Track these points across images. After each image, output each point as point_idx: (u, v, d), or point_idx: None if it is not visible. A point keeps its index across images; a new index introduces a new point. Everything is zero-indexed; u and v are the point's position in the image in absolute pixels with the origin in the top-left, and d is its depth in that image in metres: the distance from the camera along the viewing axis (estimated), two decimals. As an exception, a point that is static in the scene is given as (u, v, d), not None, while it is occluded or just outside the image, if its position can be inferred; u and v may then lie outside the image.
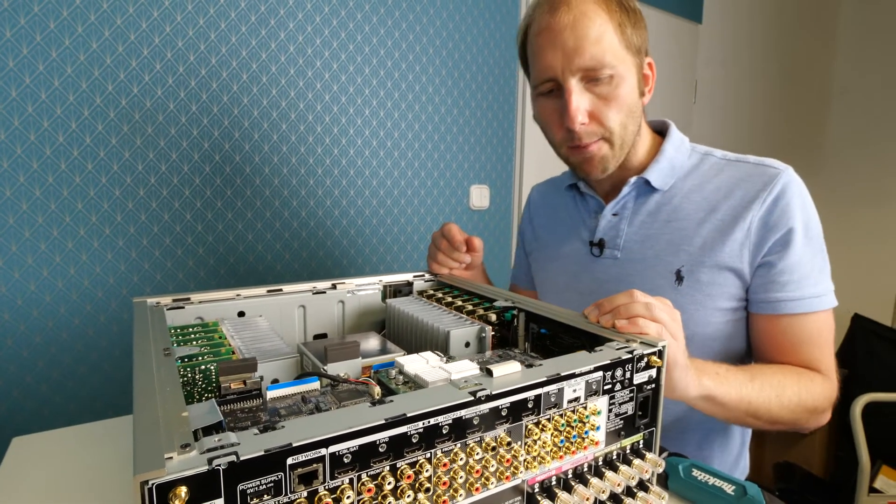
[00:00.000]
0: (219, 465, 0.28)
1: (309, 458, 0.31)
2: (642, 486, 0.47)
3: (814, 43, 2.84)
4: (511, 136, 1.87)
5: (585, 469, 0.45)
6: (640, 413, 0.48)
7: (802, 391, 0.65)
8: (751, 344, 0.73)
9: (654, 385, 0.48)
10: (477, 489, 0.38)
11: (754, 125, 2.72)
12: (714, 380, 0.58)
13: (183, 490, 0.27)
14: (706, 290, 0.71)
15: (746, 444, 0.82)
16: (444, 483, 0.36)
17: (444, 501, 0.36)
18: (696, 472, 0.52)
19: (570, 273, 0.84)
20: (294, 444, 0.30)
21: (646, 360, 0.47)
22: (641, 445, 0.49)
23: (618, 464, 0.46)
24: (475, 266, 0.87)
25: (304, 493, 0.31)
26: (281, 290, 0.71)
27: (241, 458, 0.29)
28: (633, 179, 0.76)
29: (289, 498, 0.31)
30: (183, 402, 0.35)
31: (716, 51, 2.49)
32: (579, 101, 0.69)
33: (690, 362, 0.55)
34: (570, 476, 0.44)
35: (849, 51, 2.88)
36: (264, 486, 0.30)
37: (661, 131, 0.81)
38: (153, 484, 0.27)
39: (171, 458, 0.28)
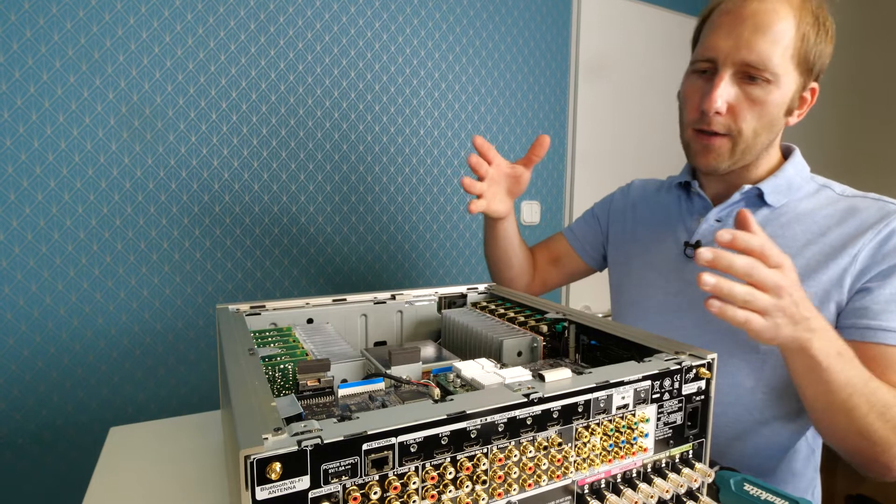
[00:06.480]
0: (306, 447, 0.33)
1: (381, 445, 0.35)
2: (692, 495, 0.49)
3: (886, 48, 2.69)
4: (562, 152, 1.88)
5: (634, 474, 0.47)
6: (689, 423, 0.49)
7: None
8: None
9: (703, 396, 0.49)
10: (529, 485, 0.41)
11: (823, 142, 2.60)
12: (830, 346, 0.56)
13: (277, 465, 0.32)
14: None
15: (817, 476, 0.79)
16: (500, 477, 0.40)
17: (500, 494, 0.40)
18: (747, 487, 0.53)
19: (659, 271, 0.83)
20: (369, 432, 0.35)
21: (694, 371, 0.48)
22: (691, 455, 0.50)
23: (666, 472, 0.48)
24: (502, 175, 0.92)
25: (377, 477, 0.35)
26: (345, 299, 0.76)
27: (325, 442, 0.33)
28: (746, 187, 0.75)
29: (363, 480, 0.35)
30: (271, 394, 0.40)
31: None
32: (726, 90, 0.69)
33: (819, 322, 0.54)
34: (619, 480, 0.46)
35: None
36: (343, 468, 0.34)
37: (787, 156, 0.80)
38: (254, 458, 0.31)
39: (266, 438, 0.33)
